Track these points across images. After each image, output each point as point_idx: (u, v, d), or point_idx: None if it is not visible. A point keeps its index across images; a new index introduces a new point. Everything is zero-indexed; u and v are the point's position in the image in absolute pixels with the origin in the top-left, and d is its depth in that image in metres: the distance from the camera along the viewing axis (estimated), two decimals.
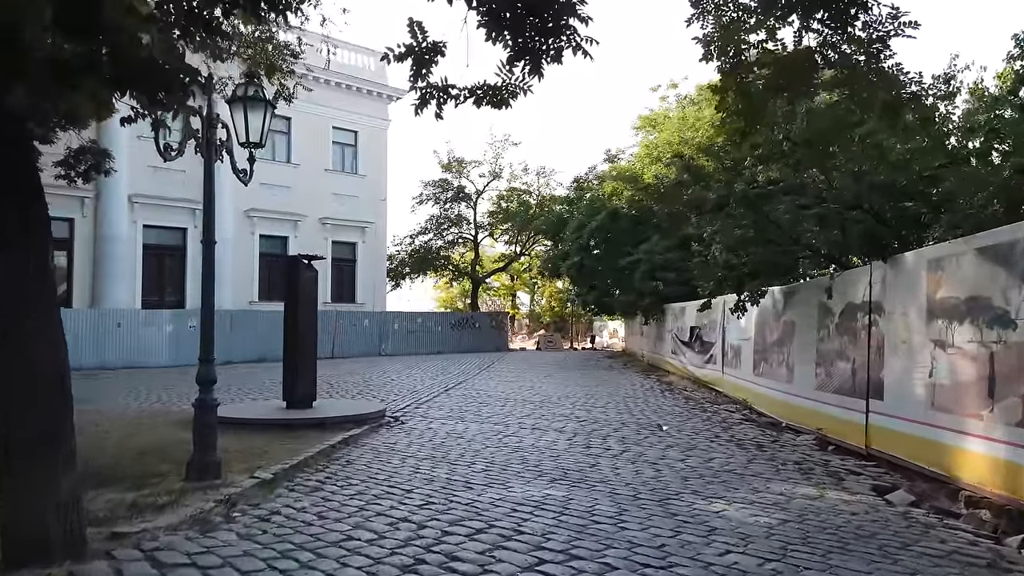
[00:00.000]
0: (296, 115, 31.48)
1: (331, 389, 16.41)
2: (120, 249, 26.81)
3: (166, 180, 28.40)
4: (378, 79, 34.17)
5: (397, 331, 31.25)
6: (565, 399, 14.73)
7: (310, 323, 11.45)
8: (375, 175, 34.10)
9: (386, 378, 19.64)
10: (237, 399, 14.55)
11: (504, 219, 37.58)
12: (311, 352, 11.43)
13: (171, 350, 24.45)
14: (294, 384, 11.39)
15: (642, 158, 23.59)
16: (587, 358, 29.31)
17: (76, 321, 22.70)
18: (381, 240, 34.58)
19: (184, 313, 25.39)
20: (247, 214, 30.27)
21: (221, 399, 8.00)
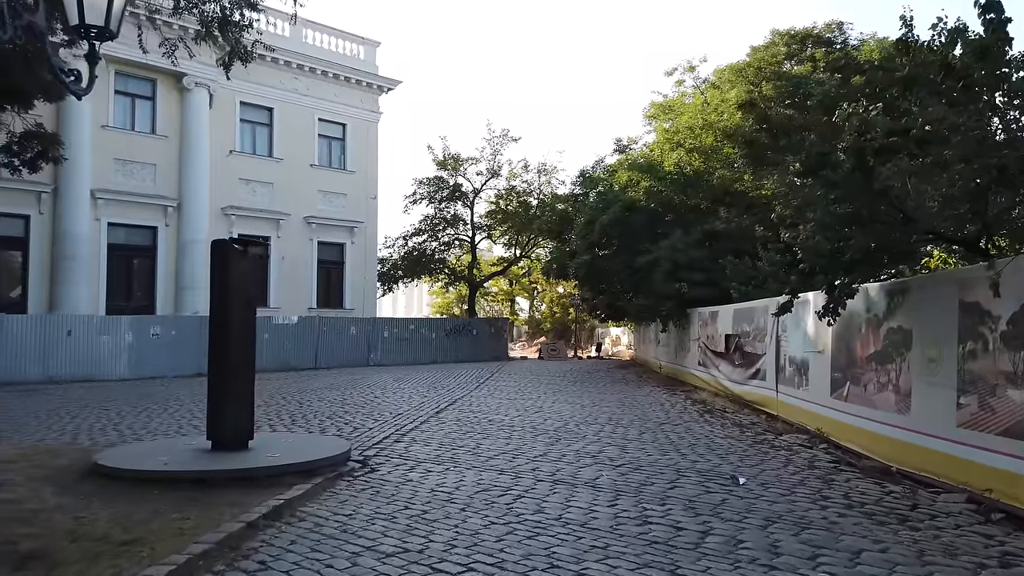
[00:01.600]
0: (279, 105, 28.28)
1: (296, 412, 13.01)
2: (81, 249, 23.43)
3: (134, 173, 25.11)
4: (368, 68, 30.87)
5: (388, 339, 27.85)
6: (586, 425, 11.37)
7: (244, 329, 8.05)
8: (365, 171, 30.77)
9: (368, 395, 16.25)
10: (162, 430, 11.12)
11: (503, 219, 34.23)
12: (245, 370, 8.05)
13: (131, 361, 21.06)
14: (220, 415, 8.00)
15: (661, 144, 20.30)
16: (595, 368, 25.92)
17: (20, 328, 19.29)
18: (371, 241, 31.23)
19: (146, 320, 21.98)
20: (224, 212, 26.93)
21: (140, 428, 4.52)
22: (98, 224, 24.30)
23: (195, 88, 25.83)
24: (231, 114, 27.39)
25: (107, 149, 24.31)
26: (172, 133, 25.72)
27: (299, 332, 25.12)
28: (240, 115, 27.73)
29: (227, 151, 27.09)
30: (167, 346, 21.82)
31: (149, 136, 25.43)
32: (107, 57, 23.97)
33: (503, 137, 34.13)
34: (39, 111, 23.41)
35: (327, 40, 29.92)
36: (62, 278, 23.13)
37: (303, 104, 29.04)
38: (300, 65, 28.76)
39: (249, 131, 28.17)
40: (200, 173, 26.06)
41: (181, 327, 22.39)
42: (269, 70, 28.10)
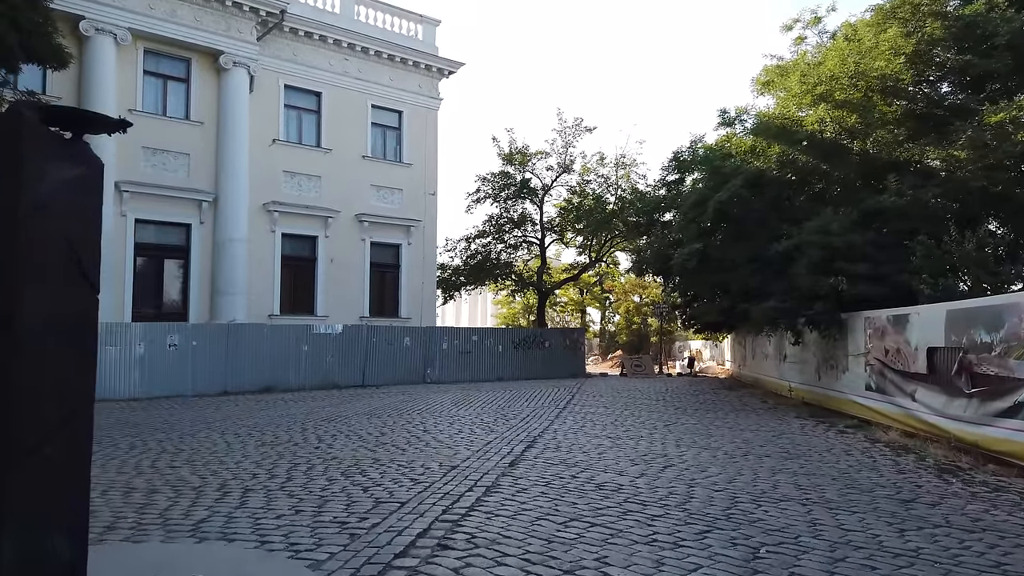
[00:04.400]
0: (327, 89, 24.22)
1: (301, 461, 8.48)
2: (104, 248, 19.47)
3: (166, 164, 21.31)
4: (427, 49, 26.66)
5: (447, 352, 23.34)
6: (767, 500, 6.54)
7: (57, 335, 3.23)
8: (423, 164, 26.49)
9: (416, 428, 11.67)
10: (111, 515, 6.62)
11: (576, 219, 29.46)
12: (64, 435, 3.24)
13: (142, 377, 17.01)
14: None
15: (797, 96, 15.24)
16: (695, 389, 20.75)
17: None
18: (430, 242, 26.87)
19: (162, 328, 17.93)
20: (266, 208, 22.96)
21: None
22: (123, 220, 20.55)
23: (233, 68, 21.97)
24: (274, 98, 23.47)
25: (135, 136, 20.45)
26: (208, 119, 21.90)
27: (344, 343, 20.82)
28: (284, 100, 23.78)
29: (269, 140, 23.15)
30: (187, 359, 17.79)
31: (182, 122, 21.64)
32: (136, 33, 20.37)
33: (576, 128, 29.47)
34: (58, 91, 20.06)
35: (382, 18, 25.83)
36: None
37: (355, 88, 24.97)
38: (352, 45, 24.73)
39: (294, 118, 24.21)
40: (239, 164, 22.13)
41: (204, 336, 18.34)
42: (317, 50, 24.18)
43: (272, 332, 19.79)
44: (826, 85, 14.02)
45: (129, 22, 20.24)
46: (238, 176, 22.13)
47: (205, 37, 21.58)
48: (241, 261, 21.94)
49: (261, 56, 22.66)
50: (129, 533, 5.32)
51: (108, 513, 5.88)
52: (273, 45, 23.14)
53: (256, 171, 22.53)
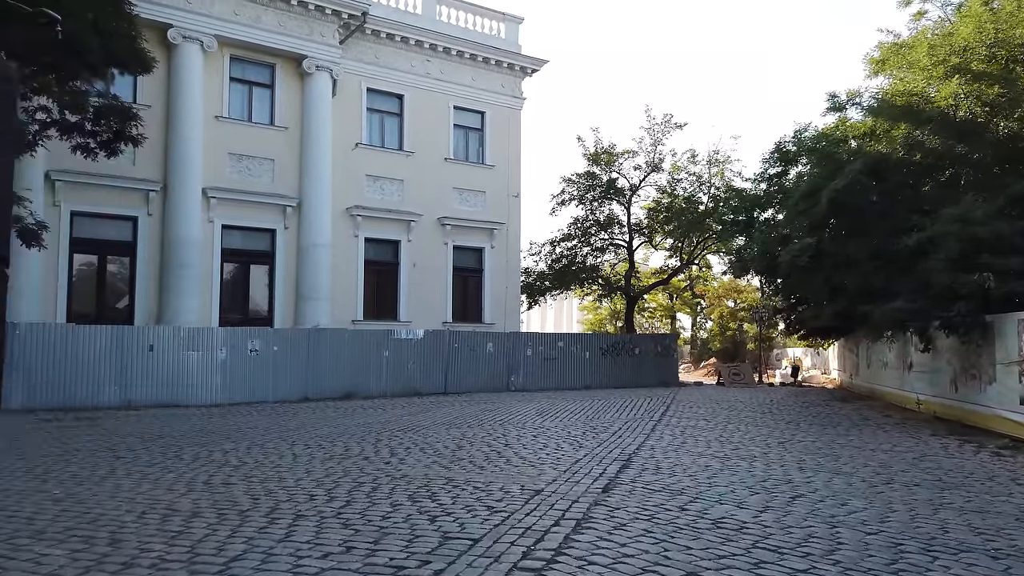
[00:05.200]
0: (409, 91, 23.60)
1: (366, 478, 7.43)
2: (192, 254, 19.51)
3: (251, 169, 21.09)
4: (510, 47, 25.71)
5: (531, 358, 22.17)
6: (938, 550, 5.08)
7: None
8: (506, 165, 25.52)
9: (497, 442, 10.54)
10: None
11: (666, 219, 27.80)
12: None
13: (223, 383, 16.58)
14: None
15: (926, 71, 13.31)
16: (805, 401, 18.78)
17: (94, 341, 15.20)
18: (514, 246, 25.85)
19: (243, 333, 17.49)
20: (349, 213, 22.47)
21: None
22: (211, 227, 20.42)
23: (316, 72, 21.59)
24: (356, 102, 23.01)
25: (221, 142, 20.47)
26: (292, 124, 21.59)
27: (426, 349, 19.96)
28: (367, 103, 23.30)
29: (352, 144, 22.69)
30: (268, 365, 17.30)
31: (267, 128, 21.40)
32: (222, 40, 20.22)
33: (665, 124, 27.87)
34: (148, 99, 20.12)
35: (463, 17, 25.05)
36: (171, 286, 19.31)
37: (437, 90, 24.26)
38: (433, 45, 24.04)
39: (377, 121, 23.68)
40: (322, 169, 21.73)
41: (285, 341, 17.82)
42: (398, 51, 23.61)
43: (353, 337, 19.14)
44: (960, 56, 12.11)
45: (215, 29, 20.10)
46: (321, 181, 21.71)
47: (288, 42, 21.29)
48: (324, 266, 21.48)
49: (343, 59, 22.21)
50: (147, 573, 4.36)
51: (134, 543, 4.97)
52: (355, 48, 22.67)
53: (339, 175, 22.08)
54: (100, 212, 19.12)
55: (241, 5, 20.59)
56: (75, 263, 19.08)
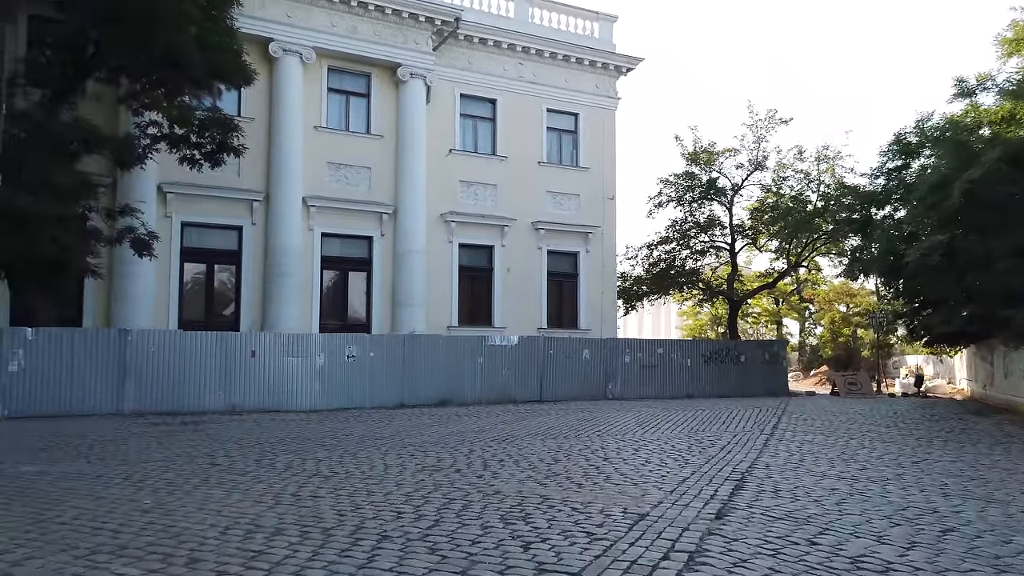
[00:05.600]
0: (502, 96, 23.32)
1: (449, 501, 6.96)
2: (293, 262, 19.86)
3: (348, 178, 21.32)
4: (603, 47, 25.04)
5: (629, 365, 21.34)
6: None
7: None
8: (601, 167, 24.84)
9: (595, 456, 9.91)
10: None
11: (771, 220, 26.33)
12: None
13: (322, 388, 16.67)
14: None
15: None
16: (934, 414, 16.94)
17: (199, 347, 15.57)
18: (609, 250, 25.11)
19: (341, 339, 17.56)
20: (443, 219, 22.37)
21: None
22: (311, 235, 20.76)
23: (410, 80, 21.63)
24: (450, 108, 22.92)
25: (320, 152, 20.79)
26: (387, 132, 21.70)
27: (520, 356, 19.51)
28: (460, 109, 23.17)
29: (446, 150, 22.61)
30: (364, 370, 17.29)
31: (364, 136, 21.60)
32: (320, 51, 20.55)
33: (769, 120, 26.44)
34: (252, 112, 20.63)
35: (556, 18, 24.58)
36: (273, 294, 19.73)
37: (530, 93, 23.87)
38: (526, 48, 23.67)
39: (470, 127, 23.52)
40: (417, 176, 21.73)
41: (381, 347, 17.79)
42: (491, 56, 23.38)
43: (447, 344, 18.93)
44: None
45: (313, 41, 20.43)
46: (416, 187, 21.71)
47: (384, 51, 21.42)
48: (419, 272, 21.44)
49: (436, 66, 22.16)
50: None
51: (211, 564, 4.67)
52: (448, 55, 22.57)
53: (433, 182, 22.01)
54: (208, 222, 19.73)
55: (338, 16, 20.85)
56: (185, 272, 19.72)
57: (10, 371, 13.94)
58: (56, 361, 14.31)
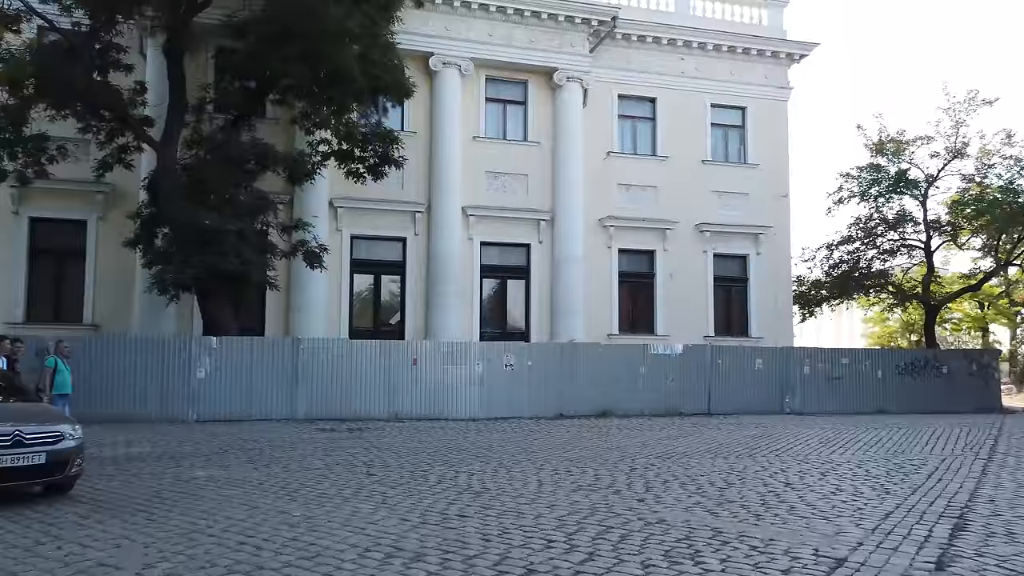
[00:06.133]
0: (662, 93, 22.31)
1: (608, 531, 6.17)
2: (453, 271, 19.99)
3: (506, 186, 21.19)
4: (773, 34, 23.26)
5: (809, 377, 19.43)
6: None
7: None
8: (771, 163, 23.02)
9: (775, 481, 8.75)
10: None
11: (975, 213, 23.14)
12: None
13: (481, 397, 16.51)
14: None
15: None
16: None
17: (364, 355, 15.95)
18: (783, 252, 23.18)
19: (499, 347, 17.34)
20: (601, 224, 21.69)
21: None
22: (470, 244, 20.79)
23: (567, 84, 21.16)
24: (607, 110, 22.20)
25: (478, 162, 20.81)
26: (544, 139, 21.35)
27: (686, 365, 18.31)
28: (618, 110, 22.39)
29: (603, 153, 21.89)
30: (523, 380, 16.94)
31: (521, 144, 21.40)
32: (478, 62, 20.61)
33: (969, 102, 23.26)
34: (414, 126, 21.05)
35: (720, 8, 23.13)
36: (435, 303, 19.94)
37: (692, 88, 22.60)
38: (687, 42, 22.45)
39: (628, 128, 22.67)
40: (573, 181, 21.18)
41: (539, 356, 17.38)
42: (650, 53, 22.41)
43: (607, 352, 18.17)
44: None
45: (472, 52, 20.49)
46: (573, 193, 21.17)
47: (540, 56, 21.10)
48: (578, 279, 20.84)
49: (593, 68, 21.52)
50: None
51: None
52: (605, 55, 21.86)
53: (591, 186, 21.35)
54: (374, 235, 20.30)
55: (494, 25, 20.79)
56: (355, 282, 20.38)
57: (198, 377, 14.91)
58: (237, 368, 15.14)
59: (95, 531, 5.75)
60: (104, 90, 15.46)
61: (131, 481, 8.15)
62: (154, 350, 14.89)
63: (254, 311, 18.62)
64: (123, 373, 14.31)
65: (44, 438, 6.77)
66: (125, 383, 14.20)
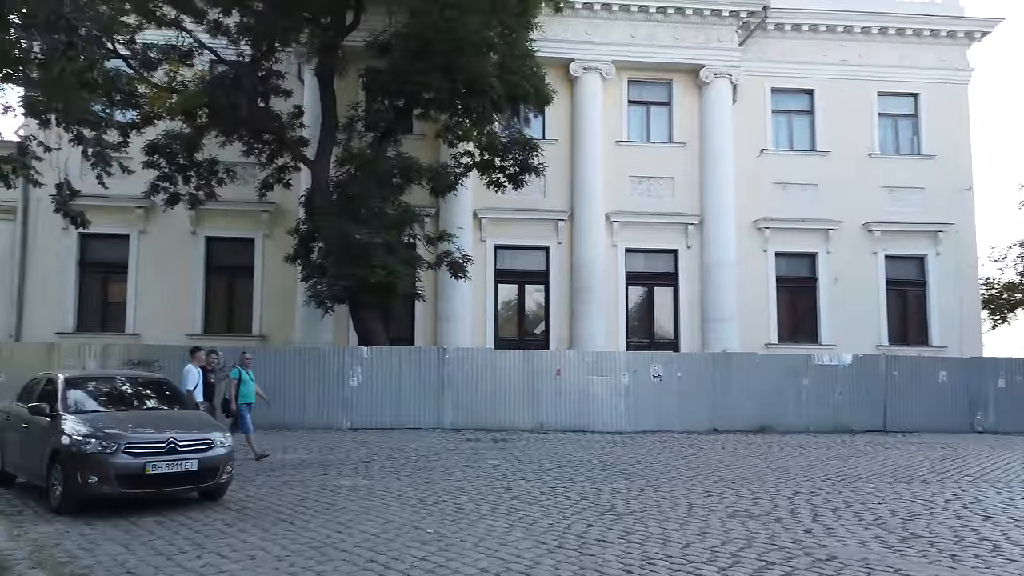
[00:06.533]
0: (821, 84, 20.72)
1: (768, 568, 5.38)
2: (596, 279, 19.50)
3: (651, 190, 20.45)
4: (948, 12, 20.90)
5: (1004, 391, 17.03)
6: None
7: None
8: (951, 154, 20.62)
9: (961, 514, 7.52)
10: None
11: None
12: None
13: (627, 409, 15.85)
14: None
15: None
16: None
17: (508, 365, 15.82)
18: (967, 251, 20.68)
19: (645, 357, 16.60)
20: (755, 226, 20.34)
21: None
22: (614, 251, 20.17)
23: (714, 80, 20.08)
24: (759, 105, 20.81)
25: (621, 166, 20.17)
26: (690, 139, 20.36)
27: (856, 377, 16.61)
28: (771, 105, 20.94)
29: (756, 151, 20.54)
30: (672, 391, 16.06)
31: (666, 146, 20.54)
32: (619, 64, 20.07)
33: None
34: (555, 134, 20.73)
35: None
36: (579, 312, 19.50)
37: (855, 77, 20.70)
38: (848, 28, 20.64)
39: (783, 123, 21.15)
40: (723, 181, 20.03)
41: (689, 366, 16.42)
42: (806, 42, 20.83)
43: (765, 363, 16.87)
44: None
45: (613, 55, 19.93)
46: (723, 194, 20.00)
47: (685, 54, 20.17)
48: (730, 285, 19.63)
49: (743, 62, 20.27)
50: None
51: None
52: (755, 48, 20.53)
53: (743, 187, 20.06)
54: (518, 244, 20.16)
55: (637, 26, 20.11)
56: (499, 292, 20.33)
57: (351, 386, 15.34)
58: (387, 377, 15.43)
59: (235, 540, 5.79)
60: (265, 115, 16.42)
61: (280, 488, 8.32)
62: (311, 360, 15.50)
63: (404, 321, 19.04)
64: (284, 382, 14.96)
65: (196, 445, 6.99)
66: (286, 391, 14.83)
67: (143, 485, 6.72)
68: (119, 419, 7.26)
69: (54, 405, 7.28)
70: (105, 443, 6.63)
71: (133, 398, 8.20)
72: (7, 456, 8.14)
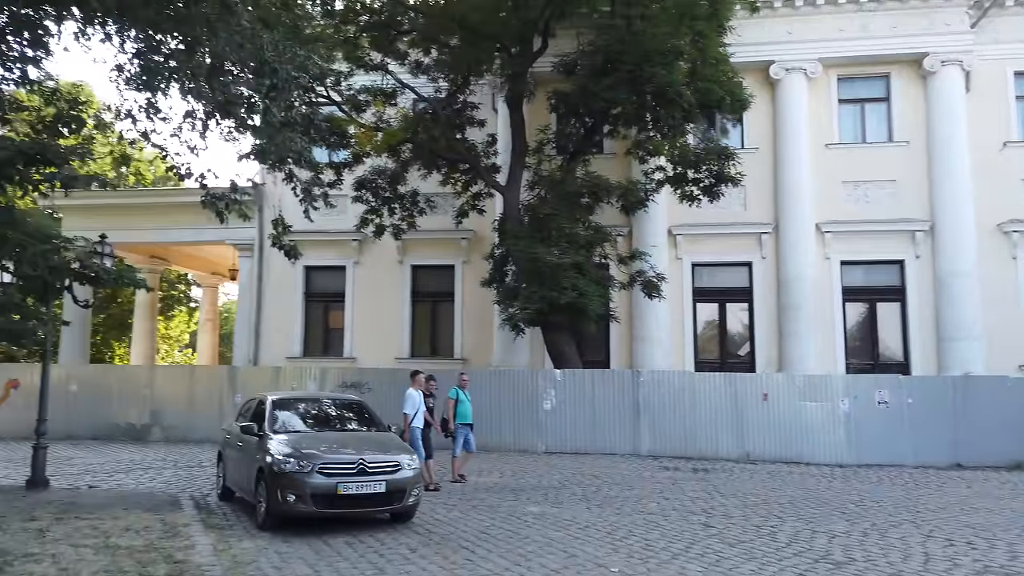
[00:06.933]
0: None
1: None
2: (806, 295, 17.92)
3: (868, 196, 18.49)
4: None
5: None
6: None
7: None
8: None
9: None
10: None
11: None
12: None
13: (848, 438, 14.22)
14: None
15: None
16: None
17: (709, 388, 14.90)
18: None
19: (868, 381, 14.79)
20: (1001, 229, 17.65)
21: None
22: (827, 264, 18.36)
23: (941, 69, 17.73)
24: (1000, 92, 18.02)
25: (832, 172, 18.39)
26: (914, 136, 18.10)
27: None
28: (1015, 91, 18.04)
29: (998, 144, 17.76)
30: (901, 420, 14.11)
31: (884, 146, 18.43)
32: (826, 62, 18.47)
33: None
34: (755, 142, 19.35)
35: None
36: (788, 331, 17.95)
37: None
38: None
39: None
40: (958, 181, 17.53)
41: (921, 392, 14.35)
42: None
43: (1019, 388, 14.29)
44: None
45: (818, 52, 18.32)
46: (958, 196, 17.48)
47: (905, 43, 18.02)
48: (970, 299, 17.04)
49: (976, 45, 17.69)
50: None
51: None
52: (990, 29, 17.84)
53: (983, 186, 17.41)
54: (717, 260, 19.02)
55: (845, 19, 18.33)
56: (698, 312, 19.27)
57: (545, 409, 15.19)
58: (580, 400, 15.09)
59: (415, 568, 5.70)
60: (461, 145, 17.01)
61: (469, 513, 8.24)
62: (506, 382, 15.58)
63: (599, 343, 18.65)
64: (482, 404, 15.08)
65: (384, 467, 7.07)
66: (484, 413, 14.95)
67: (335, 505, 6.91)
68: (317, 439, 7.58)
69: (261, 425, 7.77)
70: (302, 463, 6.92)
71: (331, 419, 8.58)
72: (228, 472, 8.86)
